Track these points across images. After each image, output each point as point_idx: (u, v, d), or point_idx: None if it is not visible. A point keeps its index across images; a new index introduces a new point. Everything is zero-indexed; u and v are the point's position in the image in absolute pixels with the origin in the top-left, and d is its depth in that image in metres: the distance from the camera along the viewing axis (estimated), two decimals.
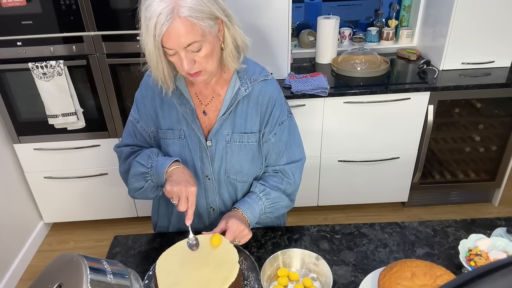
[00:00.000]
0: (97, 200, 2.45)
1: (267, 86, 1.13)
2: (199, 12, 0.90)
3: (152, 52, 0.94)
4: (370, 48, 2.52)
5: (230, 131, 1.12)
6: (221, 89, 1.12)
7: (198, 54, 0.95)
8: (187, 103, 1.11)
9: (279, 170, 1.20)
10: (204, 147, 1.13)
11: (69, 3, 1.86)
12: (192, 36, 0.91)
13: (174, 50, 0.94)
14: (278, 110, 1.15)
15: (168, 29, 0.89)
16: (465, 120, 2.35)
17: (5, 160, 2.24)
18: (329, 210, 2.63)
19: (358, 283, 1.00)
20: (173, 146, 1.14)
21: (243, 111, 1.12)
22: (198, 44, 0.93)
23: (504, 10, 2.12)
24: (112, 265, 0.74)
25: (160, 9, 0.87)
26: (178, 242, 1.05)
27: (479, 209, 2.60)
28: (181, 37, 0.90)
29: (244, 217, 1.12)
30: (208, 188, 1.18)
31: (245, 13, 2.05)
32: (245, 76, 1.11)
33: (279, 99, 1.15)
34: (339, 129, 2.26)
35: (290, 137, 1.19)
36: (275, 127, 1.15)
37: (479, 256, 1.01)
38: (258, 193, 1.17)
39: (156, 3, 0.88)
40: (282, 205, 1.21)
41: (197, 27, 0.91)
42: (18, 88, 2.07)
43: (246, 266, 1.04)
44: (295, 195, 1.26)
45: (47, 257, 2.40)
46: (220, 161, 1.14)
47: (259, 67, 1.16)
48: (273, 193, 1.18)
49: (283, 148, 1.18)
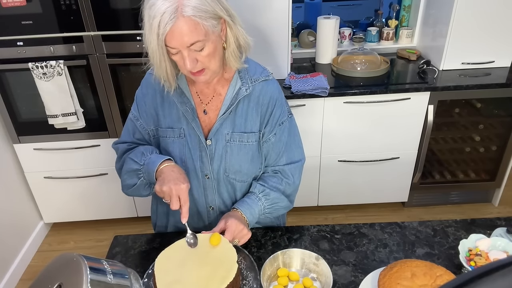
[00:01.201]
0: (97, 200, 2.45)
1: (268, 86, 1.13)
2: (202, 11, 0.90)
3: (156, 50, 0.94)
4: (370, 48, 2.52)
5: (230, 131, 1.12)
6: (222, 89, 1.12)
7: (200, 53, 0.96)
8: (187, 102, 1.11)
9: (279, 171, 1.20)
10: (204, 146, 1.13)
11: (69, 3, 1.86)
12: (196, 35, 0.91)
13: (177, 49, 0.94)
14: (279, 110, 1.15)
15: (171, 28, 0.89)
16: (465, 120, 2.35)
17: (5, 160, 2.24)
18: (329, 210, 2.63)
19: (358, 283, 1.00)
20: (173, 144, 1.14)
21: (243, 111, 1.12)
22: (201, 44, 0.94)
23: (504, 10, 2.12)
24: (112, 265, 0.74)
25: (164, 8, 0.88)
26: (178, 240, 1.05)
27: (479, 209, 2.60)
28: (184, 36, 0.91)
29: (243, 217, 1.12)
30: (208, 187, 1.18)
31: (245, 13, 2.05)
32: (246, 76, 1.11)
33: (280, 99, 1.15)
34: (339, 129, 2.26)
35: (290, 138, 1.19)
36: (275, 127, 1.15)
37: (479, 256, 1.01)
38: (258, 193, 1.17)
39: (160, 2, 0.88)
40: (281, 205, 1.21)
41: (200, 27, 0.91)
42: (18, 88, 2.07)
43: (245, 266, 1.04)
44: (295, 196, 1.26)
45: (47, 257, 2.40)
46: (220, 160, 1.14)
47: (260, 67, 1.16)
48: (273, 194, 1.18)
49: (283, 149, 1.18)
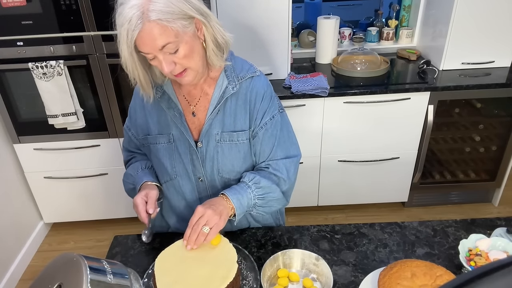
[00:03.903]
0: (97, 200, 2.45)
1: (255, 82, 1.12)
2: (168, 13, 0.90)
3: (128, 58, 0.96)
4: (370, 48, 2.52)
5: (219, 130, 1.11)
6: (209, 88, 1.11)
7: (176, 55, 0.96)
8: (175, 107, 1.11)
9: (272, 165, 1.16)
10: (194, 150, 1.12)
11: (69, 3, 1.86)
12: (165, 37, 0.91)
13: (152, 54, 0.94)
14: (266, 103, 1.12)
15: (139, 34, 0.90)
16: (465, 120, 2.35)
17: (5, 160, 2.24)
18: (329, 210, 2.63)
19: (358, 283, 1.00)
20: (163, 151, 1.15)
21: (232, 110, 1.11)
22: (173, 45, 0.93)
23: (504, 10, 2.12)
24: (112, 265, 0.75)
25: (130, 15, 0.88)
26: (177, 241, 1.05)
27: (479, 209, 2.60)
28: (154, 40, 0.91)
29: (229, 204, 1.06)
30: (202, 191, 1.18)
31: (245, 13, 2.06)
32: (232, 74, 1.11)
33: (268, 93, 1.13)
34: (339, 129, 2.26)
35: (282, 133, 1.16)
36: (263, 119, 1.12)
37: (479, 256, 1.01)
38: (248, 181, 1.12)
39: (126, 10, 0.89)
40: (273, 196, 1.15)
41: (169, 29, 0.91)
42: (18, 88, 2.07)
43: (245, 266, 1.04)
44: (291, 193, 1.22)
45: (47, 257, 2.40)
46: (212, 161, 1.13)
47: (247, 64, 1.15)
48: (264, 182, 1.12)
49: (276, 143, 1.15)
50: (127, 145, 1.29)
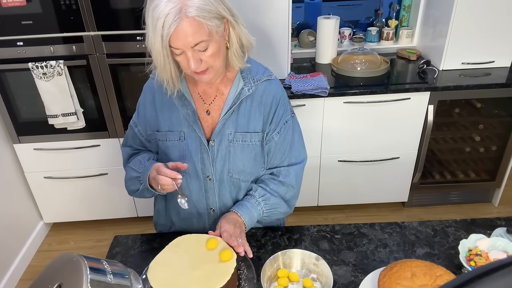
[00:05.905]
0: (97, 200, 2.45)
1: (271, 85, 1.14)
2: (206, 11, 0.90)
3: (160, 52, 0.95)
4: (370, 48, 2.52)
5: (232, 131, 1.12)
6: (225, 88, 1.12)
7: (204, 54, 0.96)
8: (188, 105, 1.11)
9: (282, 172, 1.20)
10: (206, 148, 1.13)
11: (69, 3, 1.86)
12: (199, 35, 0.92)
13: (181, 50, 0.94)
14: (282, 109, 1.15)
15: (176, 29, 0.90)
16: (465, 120, 2.35)
17: (5, 160, 2.24)
18: (329, 210, 2.63)
19: (358, 283, 1.00)
20: (172, 148, 1.15)
21: (246, 111, 1.12)
22: (205, 44, 0.94)
23: (504, 10, 2.12)
24: (112, 265, 0.75)
25: (168, 9, 0.88)
26: (174, 239, 1.04)
27: (479, 209, 2.60)
28: (188, 37, 0.91)
29: (241, 221, 1.13)
30: (209, 189, 1.18)
31: (245, 13, 2.05)
32: (248, 76, 1.12)
33: (283, 98, 1.16)
34: (339, 129, 2.26)
35: (294, 136, 1.20)
36: (278, 125, 1.15)
37: (479, 256, 1.01)
38: (258, 197, 1.17)
39: (163, 4, 0.88)
40: (280, 211, 1.22)
41: (204, 27, 0.91)
42: (18, 88, 2.07)
43: (245, 266, 1.04)
44: (295, 201, 1.25)
45: (47, 257, 2.40)
46: (223, 161, 1.14)
47: (262, 67, 1.17)
48: (273, 199, 1.18)
49: (288, 147, 1.18)
50: (131, 142, 1.25)
